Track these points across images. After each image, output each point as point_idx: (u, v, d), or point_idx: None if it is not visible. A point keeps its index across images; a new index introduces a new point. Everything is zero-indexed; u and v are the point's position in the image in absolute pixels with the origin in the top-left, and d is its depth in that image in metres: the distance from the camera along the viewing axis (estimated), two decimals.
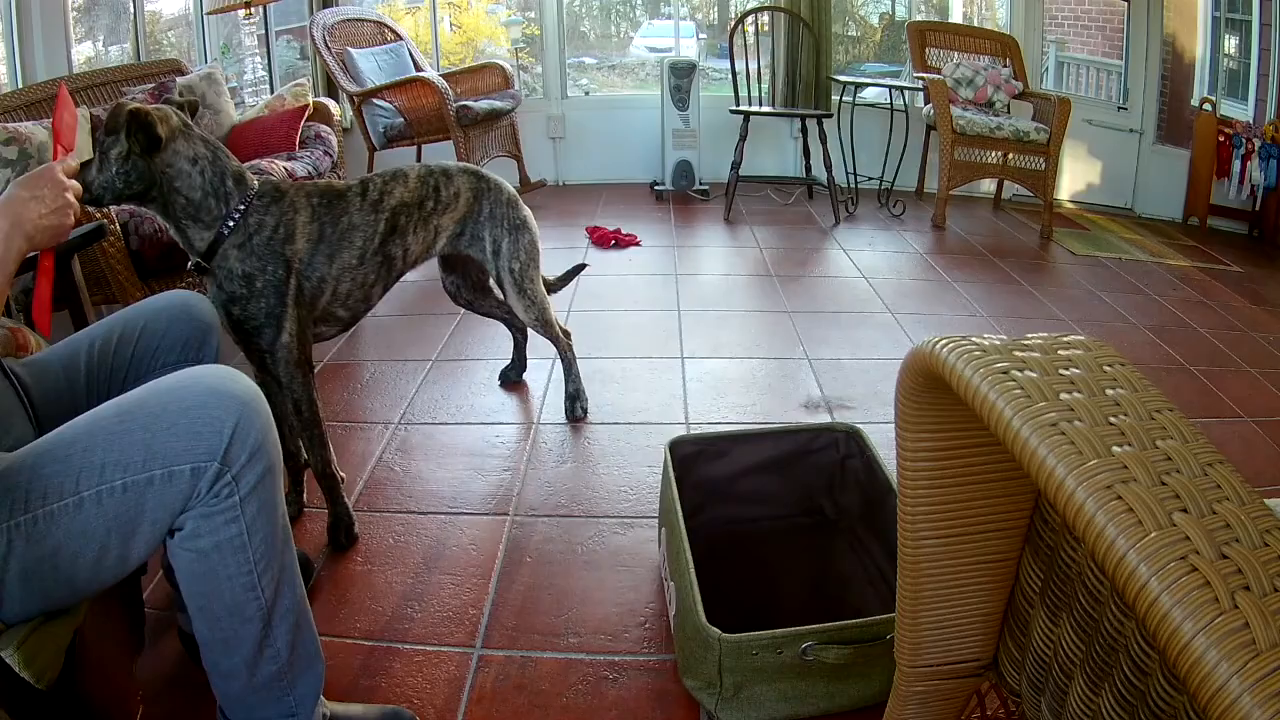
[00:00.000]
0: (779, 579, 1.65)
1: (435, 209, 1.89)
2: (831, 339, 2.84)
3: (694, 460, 1.69)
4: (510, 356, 2.51)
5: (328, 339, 1.83)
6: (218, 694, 1.11)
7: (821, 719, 1.32)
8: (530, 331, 2.30)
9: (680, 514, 1.46)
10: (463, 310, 2.39)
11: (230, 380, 1.01)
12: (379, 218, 1.75)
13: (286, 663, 1.09)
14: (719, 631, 1.24)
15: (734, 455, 1.72)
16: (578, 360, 2.29)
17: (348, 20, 4.35)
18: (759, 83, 4.51)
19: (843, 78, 4.68)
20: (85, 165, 1.49)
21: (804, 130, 4.67)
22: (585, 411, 2.29)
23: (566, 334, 2.30)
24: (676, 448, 1.66)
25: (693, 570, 1.34)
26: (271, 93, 4.23)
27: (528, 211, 2.07)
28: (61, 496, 0.91)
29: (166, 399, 0.97)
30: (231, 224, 1.55)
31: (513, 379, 2.50)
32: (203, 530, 0.98)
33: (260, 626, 1.05)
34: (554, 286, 2.37)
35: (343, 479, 1.79)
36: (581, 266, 2.50)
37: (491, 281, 2.16)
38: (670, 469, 1.57)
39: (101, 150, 1.48)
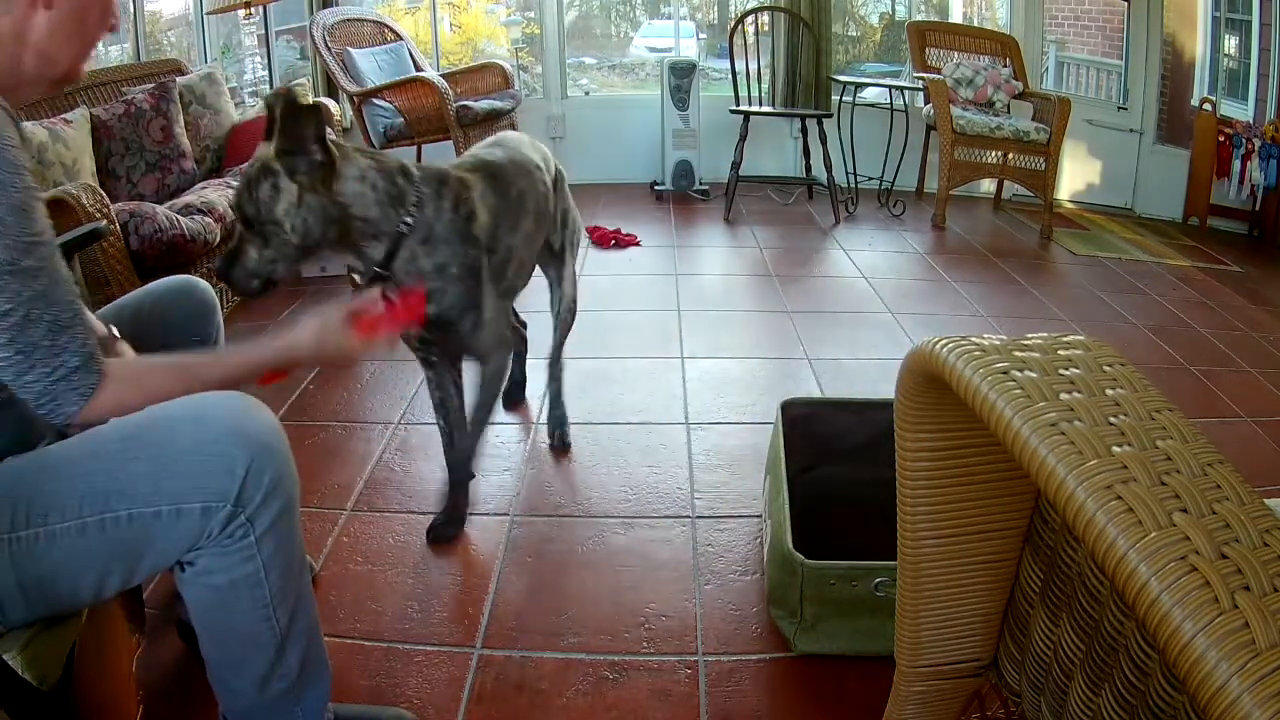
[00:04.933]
0: (876, 543, 1.67)
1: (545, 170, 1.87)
2: (831, 339, 2.84)
3: (807, 421, 1.80)
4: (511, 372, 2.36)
5: None
6: (222, 706, 1.10)
7: (888, 659, 1.34)
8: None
9: (783, 463, 1.63)
10: None
11: (244, 416, 0.96)
12: (534, 179, 1.73)
13: (296, 680, 1.08)
14: (802, 557, 1.39)
15: (846, 421, 1.81)
16: (579, 360, 2.28)
17: (348, 20, 4.35)
18: (759, 83, 4.50)
19: (843, 78, 4.68)
20: (238, 251, 1.31)
21: (804, 130, 4.67)
22: (565, 443, 2.13)
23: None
24: (788, 408, 1.79)
25: (787, 506, 1.49)
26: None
27: None
28: (64, 518, 0.89)
29: (173, 430, 0.94)
30: (409, 223, 1.41)
31: (517, 398, 2.35)
32: (216, 568, 0.96)
33: (273, 653, 1.04)
34: None
35: (473, 477, 1.83)
36: None
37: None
38: (780, 425, 1.74)
39: (259, 220, 1.28)
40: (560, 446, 2.13)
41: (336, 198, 1.32)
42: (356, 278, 1.50)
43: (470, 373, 1.72)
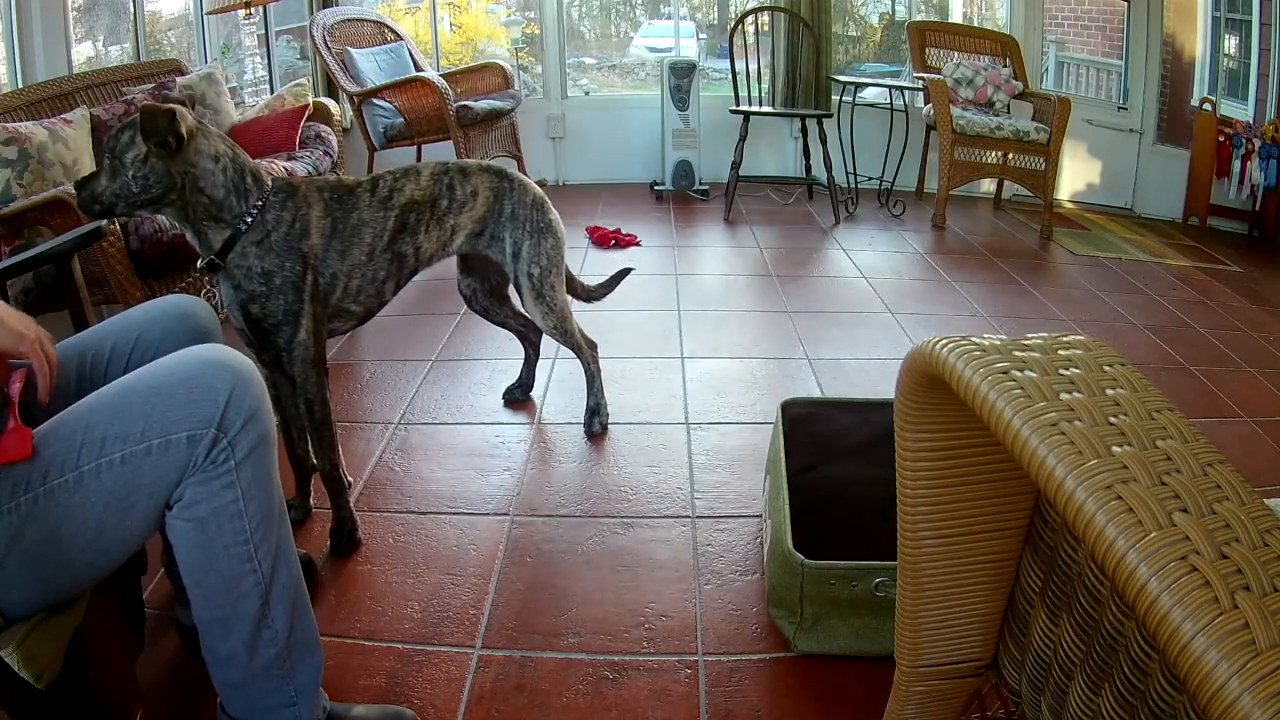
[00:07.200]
0: (876, 543, 1.67)
1: (450, 208, 1.85)
2: (831, 339, 2.84)
3: (807, 421, 1.81)
4: (518, 374, 2.40)
5: (341, 334, 1.83)
6: (218, 686, 1.10)
7: (888, 659, 1.34)
8: (547, 341, 2.25)
9: (783, 462, 1.63)
10: (463, 310, 2.38)
11: (225, 353, 1.04)
12: (388, 214, 1.74)
13: (285, 646, 1.09)
14: (802, 557, 1.40)
15: (846, 420, 1.82)
16: (579, 360, 2.27)
17: (348, 20, 4.35)
18: (759, 83, 4.51)
19: (843, 78, 4.68)
20: (94, 175, 1.47)
21: (804, 130, 4.67)
22: (604, 428, 2.22)
23: (591, 344, 2.21)
24: (788, 408, 1.81)
25: (787, 506, 1.50)
26: (271, 93, 4.23)
27: (555, 215, 2.00)
28: (62, 473, 0.92)
29: (165, 372, 1.00)
30: (249, 221, 1.54)
31: (518, 398, 2.38)
32: (200, 497, 0.99)
33: (258, 604, 1.06)
34: (596, 294, 2.30)
35: (349, 484, 1.79)
36: (627, 271, 2.38)
37: (510, 288, 2.10)
38: (780, 425, 1.75)
39: (112, 156, 1.44)
40: (599, 431, 2.22)
41: (185, 166, 1.47)
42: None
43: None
